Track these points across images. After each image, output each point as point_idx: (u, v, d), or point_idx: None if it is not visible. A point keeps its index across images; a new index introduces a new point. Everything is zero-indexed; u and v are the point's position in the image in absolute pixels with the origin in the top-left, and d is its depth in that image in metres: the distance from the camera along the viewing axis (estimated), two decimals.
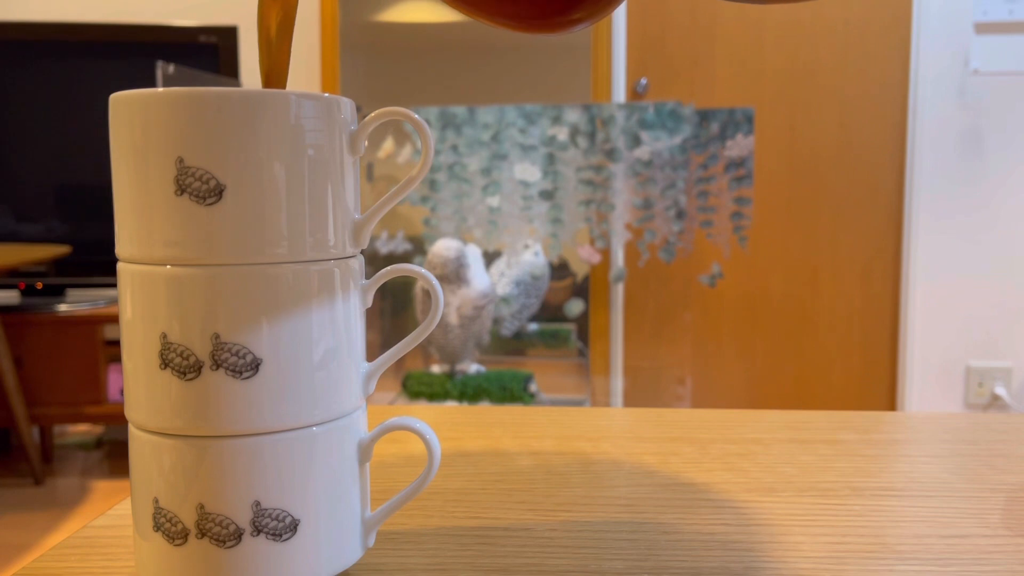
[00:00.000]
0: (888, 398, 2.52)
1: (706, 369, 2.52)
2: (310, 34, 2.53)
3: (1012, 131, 2.40)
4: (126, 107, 0.32)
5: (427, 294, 1.95)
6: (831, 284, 2.49)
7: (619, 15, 2.47)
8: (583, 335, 2.44)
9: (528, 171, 2.05)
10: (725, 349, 2.52)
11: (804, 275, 2.49)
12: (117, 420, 2.25)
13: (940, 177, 2.43)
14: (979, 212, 2.43)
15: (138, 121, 0.31)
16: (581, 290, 2.44)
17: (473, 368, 1.99)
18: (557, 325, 2.36)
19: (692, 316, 2.50)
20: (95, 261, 2.31)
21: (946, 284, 2.44)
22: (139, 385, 0.32)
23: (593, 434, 0.56)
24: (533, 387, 1.96)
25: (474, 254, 1.92)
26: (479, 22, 0.31)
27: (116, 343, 2.16)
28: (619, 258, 2.34)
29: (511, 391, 1.92)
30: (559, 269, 2.33)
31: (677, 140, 2.00)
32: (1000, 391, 2.44)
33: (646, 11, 2.49)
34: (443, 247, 1.87)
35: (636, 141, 1.99)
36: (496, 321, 2.09)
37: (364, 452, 0.35)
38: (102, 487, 2.13)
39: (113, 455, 2.37)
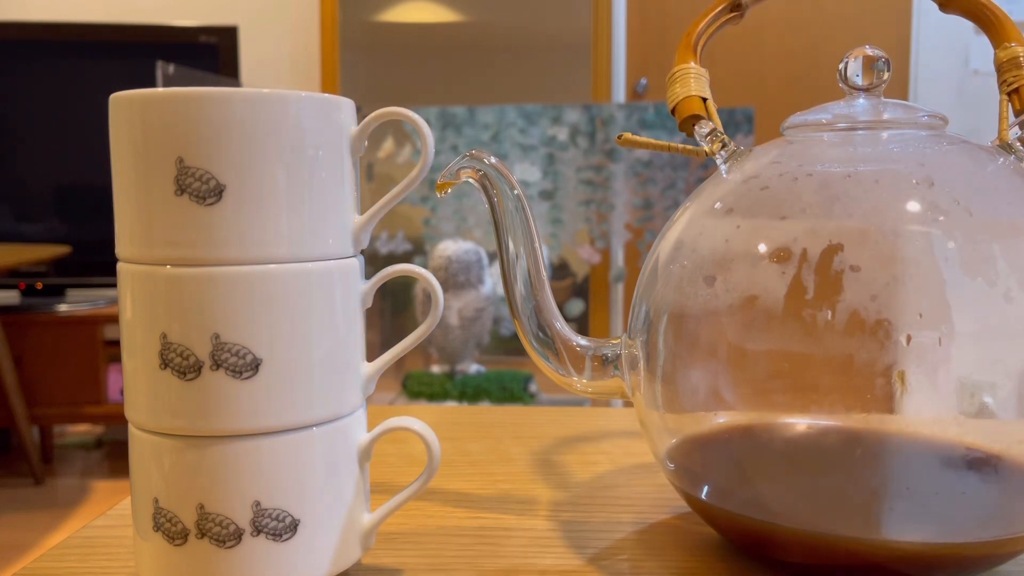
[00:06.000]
0: None
1: None
2: (310, 34, 2.53)
3: None
4: (126, 107, 0.32)
5: (428, 294, 1.95)
6: None
7: (619, 14, 2.46)
8: (583, 335, 2.44)
9: (528, 171, 2.05)
10: None
11: None
12: (117, 420, 2.24)
13: None
14: None
15: (138, 121, 0.31)
16: (581, 290, 2.44)
17: (473, 368, 1.99)
18: None
19: None
20: (95, 261, 2.30)
21: None
22: (139, 385, 0.32)
23: (593, 434, 0.56)
24: (533, 387, 1.96)
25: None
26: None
27: (116, 343, 2.16)
28: (619, 258, 2.34)
29: (511, 391, 1.92)
30: (559, 269, 2.33)
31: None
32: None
33: (646, 11, 2.49)
34: (462, 249, 1.85)
35: None
36: (496, 321, 2.09)
37: (364, 452, 0.35)
38: (102, 487, 2.13)
39: (113, 455, 2.37)
